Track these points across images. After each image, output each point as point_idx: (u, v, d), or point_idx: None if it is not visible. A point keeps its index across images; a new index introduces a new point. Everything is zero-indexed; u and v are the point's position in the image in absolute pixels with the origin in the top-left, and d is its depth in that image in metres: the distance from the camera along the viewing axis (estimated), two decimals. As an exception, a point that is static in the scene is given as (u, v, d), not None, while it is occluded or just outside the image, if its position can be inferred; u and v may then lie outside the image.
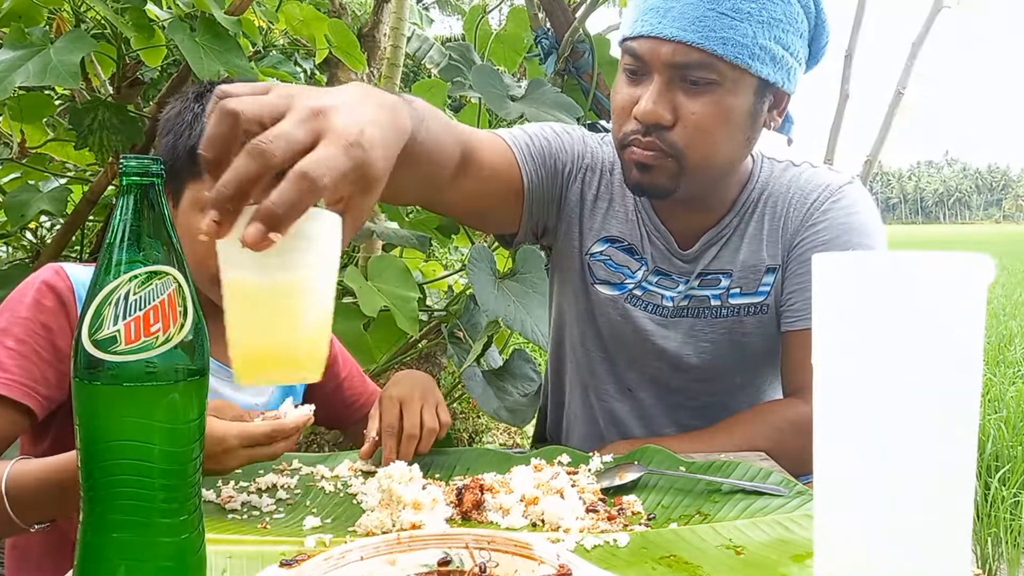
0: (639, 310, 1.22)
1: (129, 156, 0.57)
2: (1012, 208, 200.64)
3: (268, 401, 1.14)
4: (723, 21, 1.03)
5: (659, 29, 1.04)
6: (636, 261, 1.22)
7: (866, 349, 0.47)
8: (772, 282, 1.18)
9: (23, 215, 1.87)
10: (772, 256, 1.18)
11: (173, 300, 0.56)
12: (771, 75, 1.07)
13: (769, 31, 1.05)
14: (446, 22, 10.99)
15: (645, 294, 1.22)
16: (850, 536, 0.49)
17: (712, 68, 1.04)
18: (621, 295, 1.23)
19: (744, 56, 1.04)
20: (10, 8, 1.75)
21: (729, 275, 1.19)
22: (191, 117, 1.02)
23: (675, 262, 1.21)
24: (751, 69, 1.05)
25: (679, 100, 1.06)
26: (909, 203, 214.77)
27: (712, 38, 1.03)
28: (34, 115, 1.99)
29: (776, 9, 1.05)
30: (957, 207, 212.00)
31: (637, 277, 1.22)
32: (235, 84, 0.63)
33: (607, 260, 1.23)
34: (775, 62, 1.07)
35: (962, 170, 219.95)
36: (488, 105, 2.03)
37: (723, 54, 1.03)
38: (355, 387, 1.27)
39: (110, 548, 0.55)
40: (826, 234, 1.14)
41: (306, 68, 4.25)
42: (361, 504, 0.84)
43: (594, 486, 0.87)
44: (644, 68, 1.07)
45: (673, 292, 1.21)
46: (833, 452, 0.50)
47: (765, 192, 1.20)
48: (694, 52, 1.03)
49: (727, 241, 1.19)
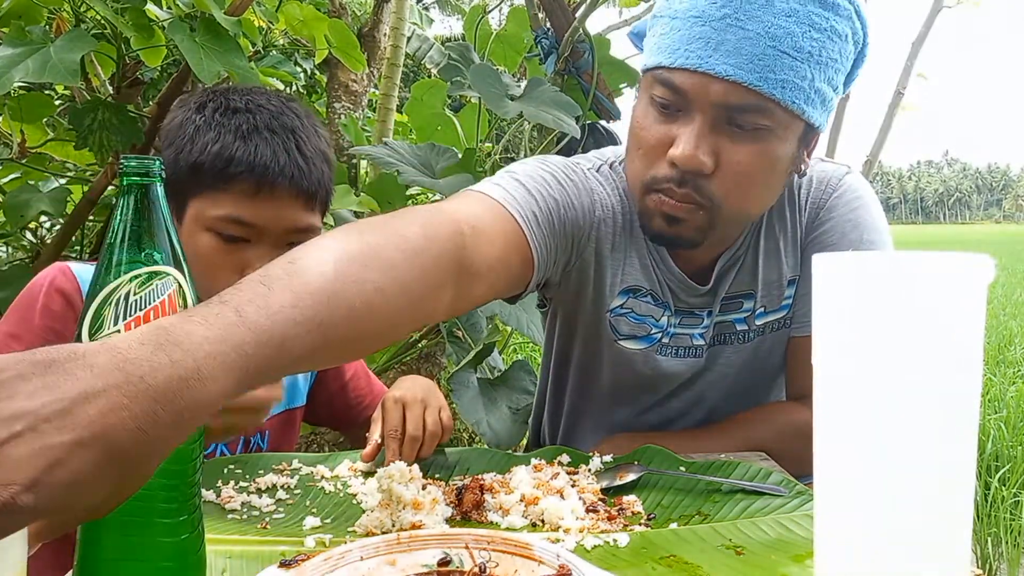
0: (671, 358, 1.13)
1: (129, 156, 0.57)
2: (1012, 208, 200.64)
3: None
4: (783, 61, 0.91)
5: (711, 64, 0.91)
6: (659, 308, 1.10)
7: (866, 349, 0.47)
8: (794, 295, 1.12)
9: (23, 215, 1.87)
10: (792, 267, 1.12)
11: (173, 300, 0.56)
12: (818, 119, 0.98)
13: (824, 73, 0.95)
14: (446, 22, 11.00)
15: (673, 340, 1.12)
16: (850, 536, 0.49)
17: (766, 113, 0.93)
18: (651, 347, 1.11)
19: (801, 101, 0.93)
20: (10, 7, 1.75)
21: (752, 296, 1.12)
22: (193, 130, 1.00)
23: (693, 300, 1.11)
24: (804, 115, 0.95)
25: (722, 145, 0.94)
26: (909, 203, 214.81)
27: (771, 80, 0.91)
28: (34, 115, 1.99)
29: (834, 48, 0.95)
30: (957, 207, 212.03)
31: (663, 324, 1.11)
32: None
33: (629, 313, 1.10)
34: (824, 105, 0.97)
35: (962, 170, 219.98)
36: (487, 104, 2.03)
37: (781, 99, 0.92)
38: (360, 388, 1.27)
39: (110, 548, 0.55)
40: (833, 235, 1.10)
41: (306, 68, 4.25)
42: (361, 504, 0.84)
43: (594, 486, 0.87)
44: (684, 104, 0.94)
45: (700, 328, 1.12)
46: (833, 452, 0.50)
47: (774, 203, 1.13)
48: (750, 95, 0.91)
49: (743, 261, 1.11)
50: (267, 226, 0.99)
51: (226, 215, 0.98)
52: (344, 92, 3.04)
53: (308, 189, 1.01)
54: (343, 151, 2.89)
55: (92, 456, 0.42)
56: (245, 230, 0.99)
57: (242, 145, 0.98)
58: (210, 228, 0.99)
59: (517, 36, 2.50)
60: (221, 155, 0.97)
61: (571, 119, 1.96)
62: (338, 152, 2.90)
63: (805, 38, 0.92)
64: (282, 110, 1.04)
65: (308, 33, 2.35)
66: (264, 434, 1.13)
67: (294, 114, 1.05)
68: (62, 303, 0.97)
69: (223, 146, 0.98)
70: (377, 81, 2.98)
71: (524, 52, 2.55)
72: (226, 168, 0.97)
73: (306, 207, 1.02)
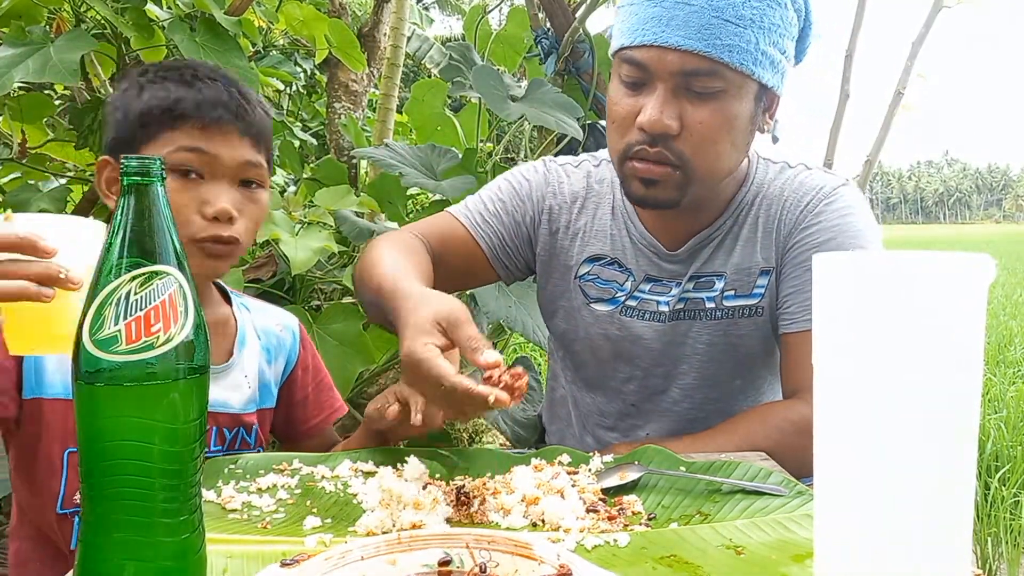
0: (635, 319, 1.22)
1: (129, 156, 0.57)
2: (1012, 208, 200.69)
3: (246, 398, 1.14)
4: (728, 28, 1.03)
5: (664, 38, 1.03)
6: (622, 273, 1.23)
7: (866, 349, 0.47)
8: (766, 284, 1.18)
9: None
10: (766, 258, 1.18)
11: (174, 300, 0.56)
12: (770, 80, 1.08)
13: (768, 36, 1.06)
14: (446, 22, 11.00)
15: (640, 303, 1.22)
16: (850, 536, 0.49)
17: (719, 76, 1.04)
18: (616, 309, 1.23)
19: (748, 63, 1.05)
20: (10, 7, 1.75)
21: (723, 277, 1.19)
22: (137, 89, 1.04)
23: (664, 266, 1.21)
24: (754, 75, 1.06)
25: (685, 109, 1.05)
26: (909, 203, 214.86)
27: (718, 46, 1.03)
28: (34, 115, 1.99)
29: (775, 15, 1.06)
30: (957, 207, 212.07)
31: (627, 288, 1.23)
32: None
33: (595, 279, 1.24)
34: (774, 67, 1.08)
35: (962, 170, 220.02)
36: (488, 105, 2.04)
37: (729, 61, 1.03)
38: (322, 397, 1.25)
39: (111, 548, 0.55)
40: (819, 236, 1.14)
41: (306, 68, 4.25)
42: (361, 504, 0.84)
43: (594, 486, 0.87)
44: (646, 78, 1.07)
45: (667, 297, 1.21)
46: (833, 452, 0.50)
47: (760, 194, 1.19)
48: (702, 60, 1.03)
49: (720, 242, 1.19)
50: (219, 155, 1.02)
51: (176, 147, 1.00)
52: (344, 92, 3.04)
53: (253, 126, 1.05)
54: (343, 151, 2.88)
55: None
56: (198, 159, 1.01)
57: (187, 88, 1.03)
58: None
59: (517, 36, 2.50)
60: (168, 98, 1.01)
61: (573, 120, 1.96)
62: (338, 152, 2.90)
63: (746, 7, 1.04)
64: (219, 67, 1.10)
65: (308, 33, 2.35)
66: (250, 429, 1.14)
67: (231, 72, 1.11)
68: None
69: (168, 92, 1.02)
70: (377, 81, 2.98)
71: (524, 52, 2.56)
72: (174, 108, 1.01)
73: (253, 146, 1.06)
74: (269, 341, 1.20)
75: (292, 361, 1.23)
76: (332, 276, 2.36)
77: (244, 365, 1.15)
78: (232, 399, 1.12)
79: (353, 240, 2.05)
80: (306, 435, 1.24)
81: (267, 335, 1.21)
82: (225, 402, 1.11)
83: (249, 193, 1.05)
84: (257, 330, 1.20)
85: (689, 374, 1.22)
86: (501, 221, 1.25)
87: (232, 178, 1.03)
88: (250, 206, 1.05)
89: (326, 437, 1.25)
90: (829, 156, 3.02)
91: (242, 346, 1.16)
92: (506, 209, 1.26)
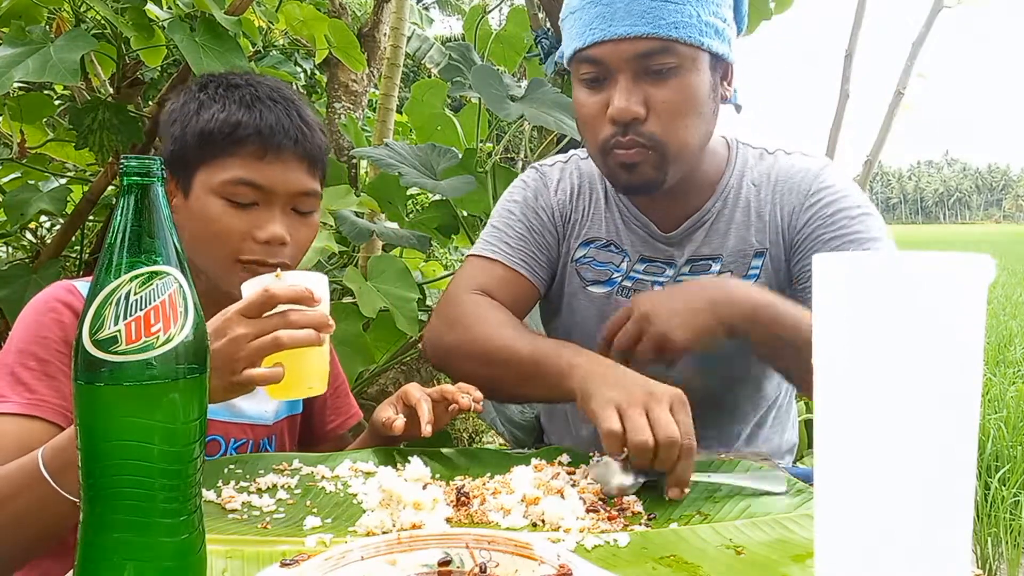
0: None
1: (129, 156, 0.57)
2: (1012, 208, 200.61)
3: (276, 408, 1.14)
4: (669, 8, 1.08)
5: (612, 31, 1.08)
6: (617, 254, 1.26)
7: (866, 349, 0.47)
8: (761, 265, 1.21)
9: (23, 215, 1.87)
10: (760, 241, 1.21)
11: (174, 300, 0.56)
12: (718, 48, 1.13)
13: (707, 7, 1.11)
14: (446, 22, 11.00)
15: (635, 284, 1.25)
16: (850, 536, 0.49)
17: (671, 52, 1.08)
18: (612, 290, 1.26)
19: (695, 35, 1.09)
20: (10, 7, 1.75)
21: (719, 260, 1.22)
22: (197, 105, 1.03)
23: (658, 246, 1.24)
24: (703, 46, 1.10)
25: (648, 92, 1.10)
26: (909, 203, 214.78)
27: (664, 25, 1.07)
28: (34, 115, 2.00)
29: None
30: (957, 207, 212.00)
31: (623, 269, 1.26)
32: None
33: (592, 261, 1.27)
34: (719, 35, 1.13)
35: (962, 170, 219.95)
36: (488, 105, 2.03)
37: (677, 37, 1.08)
38: (339, 403, 1.26)
39: (111, 548, 0.55)
40: (827, 209, 1.17)
41: (306, 68, 4.25)
42: (361, 504, 0.84)
43: (594, 486, 0.87)
44: (605, 73, 1.11)
45: (663, 279, 1.24)
46: (833, 452, 0.50)
47: (744, 178, 1.23)
48: (652, 42, 1.08)
49: (712, 225, 1.22)
50: (274, 188, 1.01)
51: (235, 178, 1.00)
52: (344, 92, 3.04)
53: (311, 153, 1.05)
54: (343, 151, 2.88)
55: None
56: (254, 193, 1.01)
57: (247, 112, 1.01)
58: (219, 193, 1.00)
59: (517, 36, 2.50)
60: (228, 121, 1.00)
61: (572, 121, 1.96)
62: (338, 152, 2.90)
63: None
64: (280, 85, 1.09)
65: (308, 33, 2.35)
66: (271, 438, 1.13)
67: (290, 90, 1.10)
68: (71, 317, 0.96)
69: (229, 113, 1.01)
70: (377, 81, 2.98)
71: (524, 52, 2.55)
72: (233, 132, 1.00)
73: (309, 171, 1.05)
74: None
75: None
76: (332, 276, 2.36)
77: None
78: (267, 411, 1.12)
79: (353, 240, 2.05)
80: (322, 439, 1.23)
81: None
82: (262, 415, 1.11)
83: (301, 218, 1.05)
84: None
85: (686, 358, 1.23)
86: (527, 240, 1.26)
87: (285, 205, 1.03)
88: (302, 230, 1.05)
89: (340, 442, 1.25)
90: (829, 156, 3.01)
91: None
92: (527, 226, 1.27)
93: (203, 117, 1.01)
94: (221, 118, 1.00)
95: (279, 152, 1.01)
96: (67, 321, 0.96)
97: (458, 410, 0.99)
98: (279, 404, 1.14)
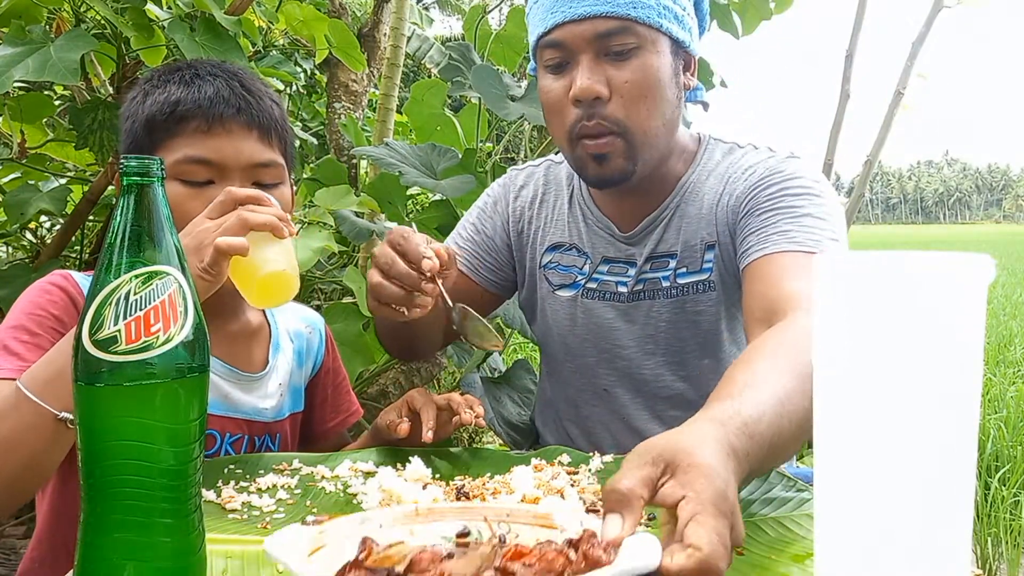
0: (597, 301, 1.26)
1: (129, 156, 0.57)
2: (1012, 208, 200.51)
3: (278, 406, 1.14)
4: None
5: (572, 12, 1.09)
6: (580, 257, 1.29)
7: (866, 349, 0.47)
8: (713, 258, 1.20)
9: (23, 215, 1.87)
10: (710, 233, 1.20)
11: (173, 300, 0.56)
12: (679, 34, 1.14)
13: None
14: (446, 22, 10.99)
15: (600, 285, 1.26)
16: (850, 536, 0.49)
17: (630, 32, 1.09)
18: (578, 292, 1.28)
19: (654, 16, 1.10)
20: (10, 7, 1.75)
21: (675, 256, 1.22)
22: (142, 94, 1.02)
23: (619, 246, 1.25)
24: (662, 28, 1.11)
25: (610, 74, 1.10)
26: (909, 203, 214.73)
27: (622, 4, 1.09)
28: (34, 115, 1.99)
29: None
30: (957, 207, 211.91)
31: (586, 272, 1.28)
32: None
33: (557, 266, 1.30)
34: (679, 21, 1.14)
35: (962, 170, 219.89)
36: (488, 105, 2.03)
37: (636, 16, 1.09)
38: (340, 400, 1.26)
39: (111, 548, 0.55)
40: (772, 188, 1.12)
41: (306, 68, 4.25)
42: (361, 504, 0.84)
43: (594, 486, 0.87)
44: (568, 56, 1.12)
45: (625, 278, 1.25)
46: (833, 452, 0.50)
47: (709, 173, 1.22)
48: (611, 21, 1.09)
49: (668, 222, 1.22)
50: (225, 162, 1.00)
51: (183, 156, 0.98)
52: (344, 92, 3.04)
53: (259, 120, 1.02)
54: (343, 151, 2.88)
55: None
56: (206, 170, 0.99)
57: (186, 88, 1.00)
58: (173, 176, 0.99)
59: (517, 36, 2.50)
60: (168, 100, 0.99)
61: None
62: (338, 152, 2.90)
63: None
64: (224, 63, 1.08)
65: (308, 33, 2.35)
66: (274, 436, 1.13)
67: (236, 66, 1.09)
68: (63, 296, 0.97)
69: (169, 94, 1.00)
70: (377, 81, 2.97)
71: (524, 52, 2.55)
72: (174, 111, 0.99)
73: (262, 140, 1.02)
74: (300, 344, 1.19)
75: (319, 363, 1.22)
76: (332, 276, 2.36)
77: (279, 372, 1.14)
78: (266, 408, 1.11)
79: (353, 240, 2.05)
80: (322, 437, 1.23)
81: (298, 338, 1.20)
82: (260, 411, 1.11)
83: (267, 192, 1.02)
84: (289, 333, 1.19)
85: (656, 354, 1.25)
86: (474, 241, 1.33)
87: (244, 179, 1.00)
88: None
89: (340, 440, 1.25)
90: (829, 156, 3.01)
91: (276, 352, 1.15)
92: (477, 228, 1.35)
93: (146, 104, 1.01)
94: (161, 100, 1.00)
95: (223, 123, 0.99)
96: (59, 301, 0.96)
97: (460, 423, 0.99)
98: (278, 400, 1.13)
